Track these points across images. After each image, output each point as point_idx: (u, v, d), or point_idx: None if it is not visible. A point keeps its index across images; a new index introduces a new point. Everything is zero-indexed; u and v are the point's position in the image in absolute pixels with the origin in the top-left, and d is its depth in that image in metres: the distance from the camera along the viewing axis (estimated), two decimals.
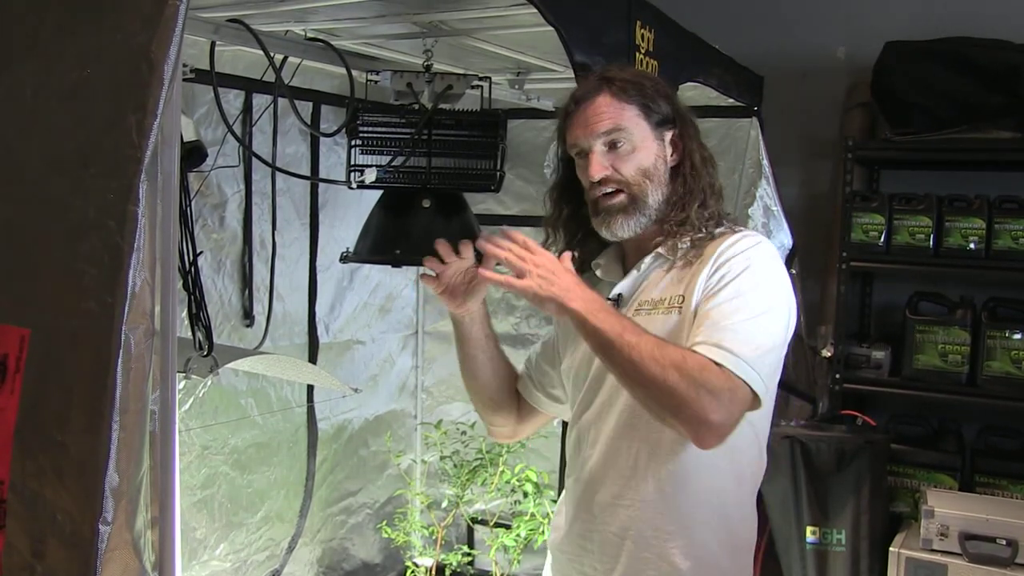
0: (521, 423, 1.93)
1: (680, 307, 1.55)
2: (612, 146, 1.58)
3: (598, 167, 1.58)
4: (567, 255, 1.60)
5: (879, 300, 3.47)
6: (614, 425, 1.61)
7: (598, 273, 1.72)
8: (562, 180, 1.73)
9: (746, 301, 1.48)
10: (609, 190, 1.59)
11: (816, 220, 3.47)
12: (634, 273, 1.65)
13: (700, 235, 1.60)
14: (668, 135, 1.63)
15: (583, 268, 1.72)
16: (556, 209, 1.74)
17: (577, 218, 1.72)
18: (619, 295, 1.65)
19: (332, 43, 2.34)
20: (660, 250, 1.62)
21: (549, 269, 1.45)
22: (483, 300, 1.78)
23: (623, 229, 1.60)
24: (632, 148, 1.58)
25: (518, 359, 1.92)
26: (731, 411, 1.42)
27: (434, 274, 1.73)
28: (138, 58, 1.22)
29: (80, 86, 1.29)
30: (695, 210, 1.61)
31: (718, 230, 1.62)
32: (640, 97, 1.60)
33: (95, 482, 1.17)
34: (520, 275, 1.45)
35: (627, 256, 1.70)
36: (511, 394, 1.88)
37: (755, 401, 1.46)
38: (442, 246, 1.72)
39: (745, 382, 1.42)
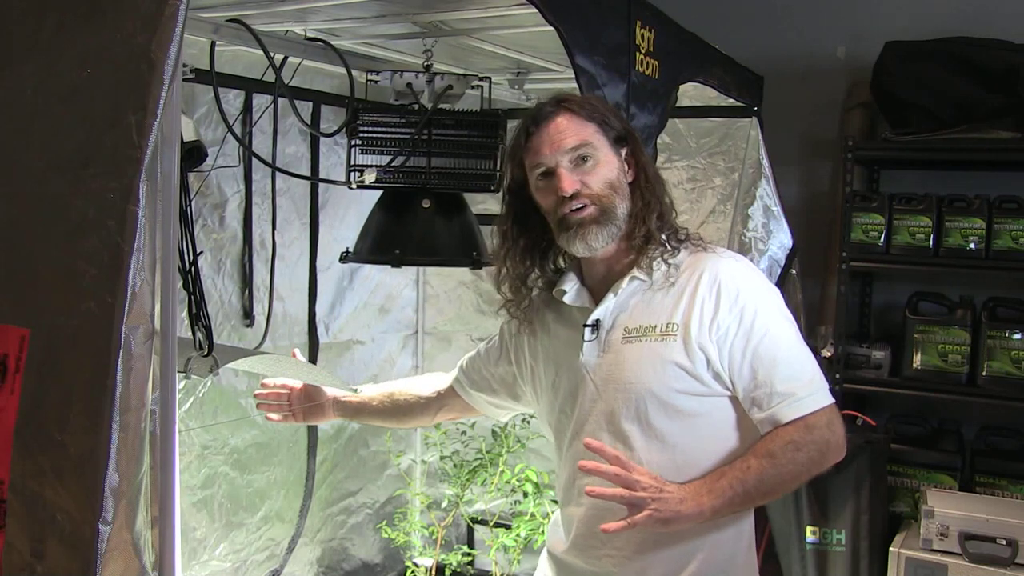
0: (449, 415, 2.07)
1: (676, 335, 1.57)
2: (578, 162, 1.60)
3: (569, 182, 1.58)
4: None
5: (879, 300, 3.47)
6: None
7: (565, 300, 1.70)
8: (513, 208, 1.72)
9: (780, 332, 1.57)
10: (578, 205, 1.59)
11: (816, 220, 3.47)
12: (611, 297, 1.64)
13: (667, 251, 1.62)
14: (624, 151, 1.65)
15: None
16: (507, 241, 1.73)
17: (531, 247, 1.73)
18: (597, 321, 1.64)
19: (332, 43, 2.34)
20: (636, 273, 1.62)
21: (655, 487, 1.47)
22: (327, 397, 2.06)
23: (597, 240, 1.60)
24: (597, 163, 1.61)
25: None
26: (841, 423, 1.57)
27: (279, 417, 2.08)
28: (138, 58, 1.22)
29: (80, 86, 1.29)
30: (654, 222, 1.63)
31: (684, 246, 1.65)
32: (597, 115, 1.63)
33: (95, 482, 1.17)
34: (636, 507, 1.46)
35: (591, 280, 1.70)
36: (417, 414, 2.06)
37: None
38: (265, 395, 2.08)
39: (827, 404, 1.55)
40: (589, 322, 1.64)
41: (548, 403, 1.75)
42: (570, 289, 1.70)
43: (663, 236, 1.64)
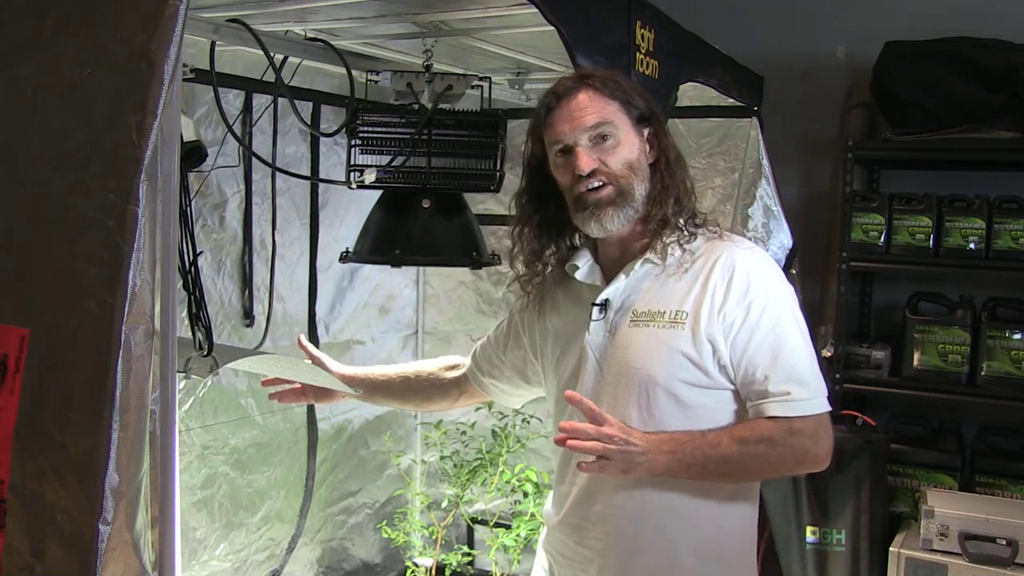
0: (470, 400, 2.05)
1: (685, 323, 1.55)
2: (598, 141, 1.58)
3: (587, 160, 1.57)
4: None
5: (879, 300, 3.47)
6: None
7: (577, 276, 1.69)
8: (531, 184, 1.72)
9: (786, 329, 1.55)
10: (595, 184, 1.58)
11: (816, 220, 3.47)
12: (622, 278, 1.63)
13: (684, 236, 1.61)
14: (646, 132, 1.64)
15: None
16: (524, 215, 1.73)
17: (547, 223, 1.72)
18: (606, 300, 1.64)
19: (332, 43, 2.34)
20: (650, 256, 1.61)
21: (622, 439, 1.48)
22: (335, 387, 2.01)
23: (612, 222, 1.59)
24: (617, 142, 1.59)
25: None
26: (829, 436, 1.55)
27: (293, 398, 2.04)
28: (138, 58, 1.22)
29: (80, 86, 1.29)
30: (672, 207, 1.61)
31: (700, 232, 1.63)
32: (621, 93, 1.61)
33: (95, 482, 1.17)
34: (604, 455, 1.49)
35: (604, 259, 1.69)
36: (437, 399, 2.02)
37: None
38: (272, 381, 2.03)
39: (819, 412, 1.54)
40: (598, 301, 1.63)
41: (552, 381, 1.75)
42: (583, 265, 1.69)
43: (680, 221, 1.62)
